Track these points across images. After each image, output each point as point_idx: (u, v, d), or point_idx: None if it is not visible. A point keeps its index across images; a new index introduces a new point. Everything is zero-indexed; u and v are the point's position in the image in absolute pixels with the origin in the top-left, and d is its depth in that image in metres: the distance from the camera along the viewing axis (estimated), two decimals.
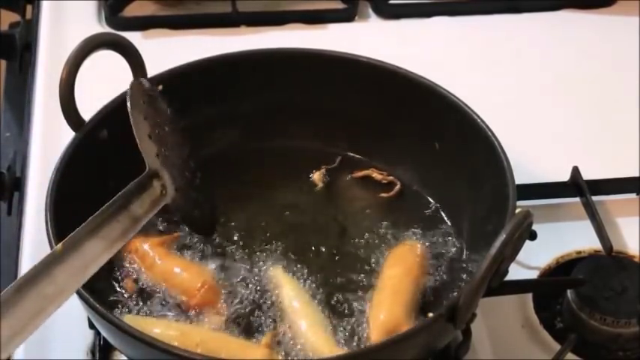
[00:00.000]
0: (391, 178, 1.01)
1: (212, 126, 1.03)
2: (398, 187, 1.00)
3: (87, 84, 0.91)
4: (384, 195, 0.99)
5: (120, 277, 0.91)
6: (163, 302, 0.89)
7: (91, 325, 0.91)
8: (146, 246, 0.92)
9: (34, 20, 1.32)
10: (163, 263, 0.91)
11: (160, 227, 0.95)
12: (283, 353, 0.84)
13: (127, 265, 0.92)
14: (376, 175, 1.01)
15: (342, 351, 0.84)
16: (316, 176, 1.01)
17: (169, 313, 0.88)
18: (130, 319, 0.86)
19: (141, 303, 0.89)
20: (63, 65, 0.89)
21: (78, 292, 0.80)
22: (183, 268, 0.91)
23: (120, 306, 0.89)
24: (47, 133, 1.12)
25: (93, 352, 0.92)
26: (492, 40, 1.31)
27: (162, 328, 0.85)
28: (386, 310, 0.86)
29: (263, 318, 0.88)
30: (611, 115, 1.20)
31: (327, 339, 0.85)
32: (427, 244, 0.94)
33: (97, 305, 0.79)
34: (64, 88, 0.90)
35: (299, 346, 0.85)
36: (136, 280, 0.91)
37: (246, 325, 0.87)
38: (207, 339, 0.84)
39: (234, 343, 0.85)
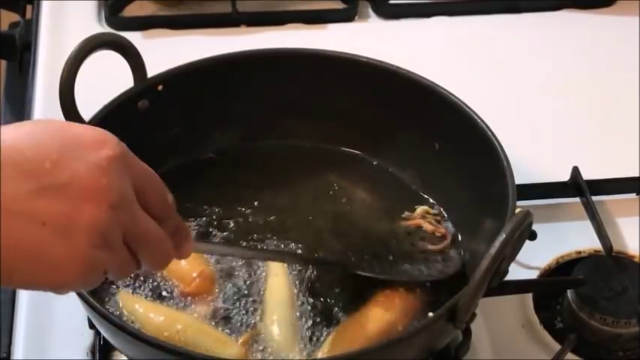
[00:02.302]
0: (443, 231, 0.97)
1: (212, 126, 1.03)
2: (447, 241, 0.96)
3: (87, 84, 0.91)
4: (431, 247, 0.95)
5: None
6: (159, 287, 0.90)
7: (91, 325, 0.91)
8: None
9: (34, 20, 1.32)
10: None
11: None
12: (262, 349, 0.85)
13: None
14: (427, 226, 0.97)
15: (300, 355, 0.84)
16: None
17: (164, 300, 0.89)
18: (124, 296, 0.88)
19: (137, 287, 0.90)
20: (63, 65, 0.89)
21: (78, 292, 0.80)
22: None
23: (116, 287, 0.89)
24: None
25: (93, 352, 0.92)
26: (492, 40, 1.31)
27: (149, 310, 0.87)
28: (341, 343, 0.85)
29: (253, 313, 0.88)
30: (611, 115, 1.20)
31: (291, 338, 0.85)
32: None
33: (97, 305, 0.79)
34: (64, 88, 0.90)
35: (265, 342, 0.85)
36: None
37: (234, 318, 0.87)
38: (188, 327, 0.85)
39: (213, 336, 0.85)
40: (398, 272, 0.91)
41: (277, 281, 0.90)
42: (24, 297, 0.97)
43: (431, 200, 0.99)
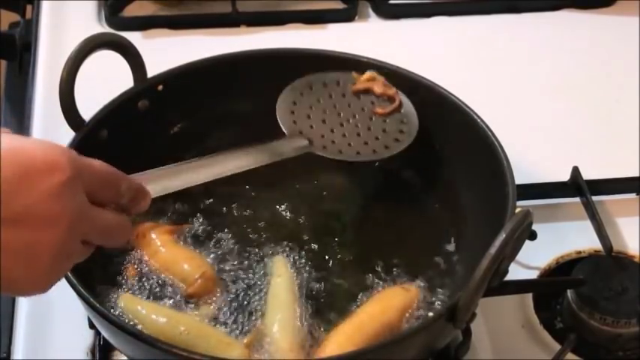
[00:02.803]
0: (392, 92, 0.98)
1: (212, 126, 1.03)
2: (396, 104, 0.97)
3: (87, 84, 0.91)
4: (379, 110, 0.97)
5: (122, 262, 0.91)
6: (161, 290, 0.90)
7: (91, 325, 0.91)
8: (153, 233, 0.93)
9: (34, 20, 1.32)
10: (166, 252, 0.92)
11: (172, 217, 0.96)
12: (267, 355, 0.85)
13: (131, 250, 0.92)
14: (377, 89, 0.98)
15: (300, 356, 0.84)
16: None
17: (166, 301, 0.89)
18: (126, 298, 0.88)
19: (139, 289, 0.90)
20: (63, 65, 0.90)
21: (78, 292, 0.80)
22: (184, 258, 0.91)
23: (118, 290, 0.89)
24: (47, 133, 1.12)
25: (93, 352, 0.92)
26: (492, 40, 1.31)
27: (152, 312, 0.86)
28: (338, 344, 0.84)
29: (256, 313, 0.88)
30: (611, 115, 1.20)
31: (292, 340, 0.85)
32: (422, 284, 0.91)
33: (97, 305, 0.79)
34: (64, 88, 0.90)
35: (267, 343, 0.85)
36: (137, 266, 0.91)
37: (237, 319, 0.87)
38: (191, 328, 0.85)
39: (215, 337, 0.85)
40: (360, 151, 0.95)
41: (280, 282, 0.90)
42: (24, 297, 0.97)
43: (431, 200, 0.99)
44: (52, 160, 0.66)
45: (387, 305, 0.88)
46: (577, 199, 1.05)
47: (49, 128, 1.12)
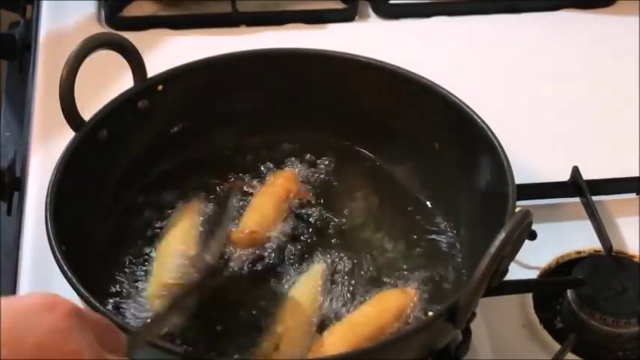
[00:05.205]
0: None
1: (212, 125, 1.03)
2: None
3: (87, 84, 0.91)
4: None
5: (123, 262, 0.92)
6: None
7: None
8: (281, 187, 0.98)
9: (34, 20, 1.32)
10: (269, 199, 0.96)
11: None
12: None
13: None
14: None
15: None
16: None
17: None
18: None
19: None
20: (63, 65, 0.90)
21: (78, 292, 0.80)
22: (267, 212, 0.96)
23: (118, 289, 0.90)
24: (47, 133, 1.12)
25: None
26: (492, 40, 1.31)
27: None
28: (331, 344, 0.84)
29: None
30: (611, 115, 1.20)
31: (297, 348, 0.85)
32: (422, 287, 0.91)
33: (98, 305, 0.79)
34: (64, 88, 0.90)
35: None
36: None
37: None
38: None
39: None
40: None
41: (299, 288, 0.90)
42: None
43: (432, 199, 0.99)
44: (50, 299, 0.64)
45: (383, 307, 0.88)
46: (577, 199, 1.05)
47: (49, 128, 1.12)
